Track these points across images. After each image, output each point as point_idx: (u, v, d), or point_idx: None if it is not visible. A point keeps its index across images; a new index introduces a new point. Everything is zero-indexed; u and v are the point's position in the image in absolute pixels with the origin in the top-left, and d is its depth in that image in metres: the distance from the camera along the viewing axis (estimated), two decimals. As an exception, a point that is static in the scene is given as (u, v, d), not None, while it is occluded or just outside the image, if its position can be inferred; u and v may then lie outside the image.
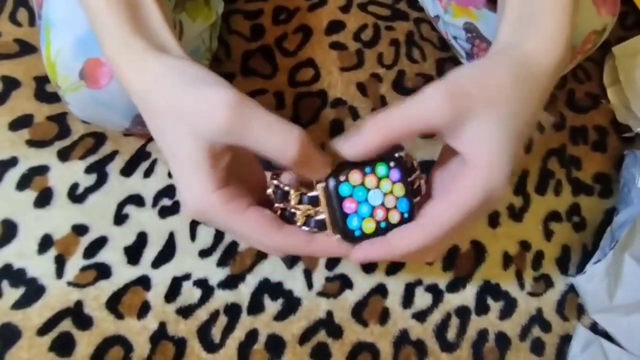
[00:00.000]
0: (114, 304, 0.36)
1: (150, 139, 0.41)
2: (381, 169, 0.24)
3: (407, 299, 0.39)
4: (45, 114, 0.40)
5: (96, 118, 0.35)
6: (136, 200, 0.39)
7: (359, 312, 0.38)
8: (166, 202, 0.39)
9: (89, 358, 0.34)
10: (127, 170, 0.40)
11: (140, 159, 0.41)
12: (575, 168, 0.46)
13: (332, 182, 0.23)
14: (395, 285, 0.39)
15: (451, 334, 0.39)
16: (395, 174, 0.24)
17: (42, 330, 0.35)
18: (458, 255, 0.41)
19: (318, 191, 0.24)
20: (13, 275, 0.36)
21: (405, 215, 0.25)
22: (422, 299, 0.40)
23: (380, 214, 0.24)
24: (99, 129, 0.40)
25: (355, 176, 0.23)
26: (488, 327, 0.39)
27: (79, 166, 0.39)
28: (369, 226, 0.24)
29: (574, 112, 0.49)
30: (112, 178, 0.39)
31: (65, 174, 0.39)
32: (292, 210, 0.24)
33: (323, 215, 0.24)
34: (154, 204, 0.39)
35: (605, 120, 0.49)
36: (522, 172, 0.45)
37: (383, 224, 0.24)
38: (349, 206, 0.24)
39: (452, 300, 0.40)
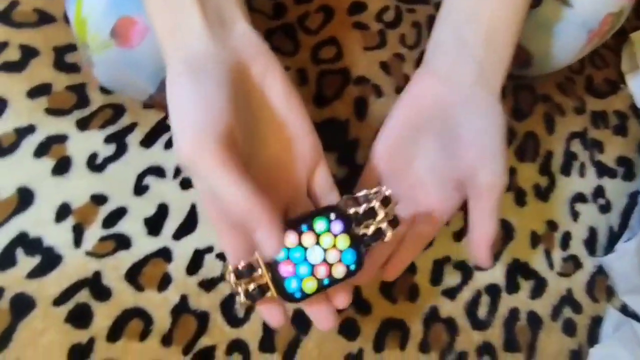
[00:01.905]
0: (133, 276, 0.34)
1: (171, 112, 0.40)
2: (320, 224, 0.23)
3: (436, 276, 0.38)
4: (64, 84, 0.39)
5: (121, 82, 0.34)
6: (157, 171, 0.38)
7: (388, 288, 0.37)
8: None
9: (107, 330, 0.33)
10: (147, 142, 0.39)
11: (161, 131, 0.40)
12: (598, 151, 0.46)
13: None
14: (424, 262, 0.38)
15: (482, 312, 0.38)
16: (337, 226, 0.24)
17: (58, 301, 0.33)
18: (486, 233, 0.40)
19: (257, 256, 0.23)
20: (28, 243, 0.34)
21: (352, 267, 0.24)
22: (452, 276, 0.38)
23: (322, 271, 0.23)
24: (118, 100, 0.39)
25: (290, 238, 0.23)
26: (519, 306, 0.38)
27: (98, 136, 0.38)
28: (309, 286, 0.23)
29: (593, 97, 0.49)
30: (132, 149, 0.38)
31: (84, 143, 0.38)
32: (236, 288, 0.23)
33: (264, 279, 0.23)
34: (175, 176, 0.38)
35: (625, 105, 0.49)
36: (547, 152, 0.45)
37: (326, 281, 0.23)
38: (285, 269, 0.23)
39: (481, 278, 0.39)
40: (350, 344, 0.35)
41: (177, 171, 0.38)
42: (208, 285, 0.35)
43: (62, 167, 0.36)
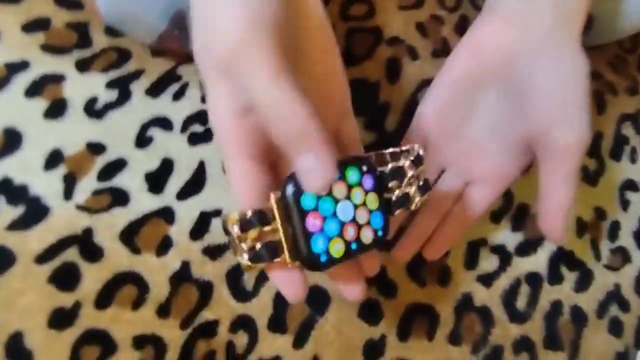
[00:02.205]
0: (129, 236, 0.30)
1: (181, 62, 0.36)
2: (352, 175, 0.19)
3: (471, 259, 0.34)
4: (64, 20, 0.35)
5: (128, 17, 0.30)
6: (162, 123, 0.34)
7: (416, 269, 0.33)
8: (197, 128, 0.34)
9: (96, 295, 0.28)
10: (154, 91, 0.34)
11: (169, 81, 0.35)
12: (650, 136, 0.42)
13: (290, 189, 0.18)
14: (457, 243, 0.34)
15: (521, 303, 0.33)
16: (368, 182, 0.20)
17: (42, 258, 0.29)
18: (528, 215, 0.36)
19: (271, 202, 0.18)
20: (12, 191, 0.30)
21: (380, 233, 0.20)
22: (488, 260, 0.34)
23: (351, 232, 0.19)
24: (123, 44, 0.35)
25: None
26: (562, 299, 0.34)
27: (99, 79, 0.34)
28: (337, 248, 0.19)
29: (646, 79, 0.44)
30: (136, 97, 0.34)
31: (83, 86, 0.33)
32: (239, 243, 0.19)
33: (276, 235, 0.18)
34: (183, 129, 0.34)
35: (680, 90, 0.45)
36: (596, 133, 0.40)
37: (354, 245, 0.19)
38: (312, 223, 0.18)
39: (521, 265, 0.34)
40: (372, 329, 0.31)
41: (186, 125, 0.34)
42: (214, 252, 0.31)
43: (56, 109, 0.32)
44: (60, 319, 0.28)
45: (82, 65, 0.34)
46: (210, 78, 0.18)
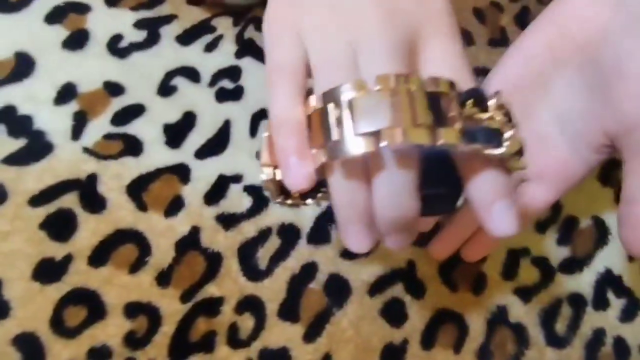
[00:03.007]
0: (137, 190, 0.27)
1: (218, 14, 0.33)
2: None
3: (510, 269, 0.30)
4: (99, -51, 0.32)
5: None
6: (190, 73, 0.30)
7: (448, 270, 0.29)
8: (227, 84, 0.31)
9: (91, 250, 0.25)
10: (185, 39, 0.31)
11: (203, 31, 0.32)
12: None
13: None
14: (497, 248, 0.31)
15: (561, 326, 0.30)
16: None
17: (37, 200, 0.25)
18: (576, 230, 0.32)
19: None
20: (15, 121, 0.26)
21: None
22: (528, 273, 0.31)
23: None
24: (159, -15, 0.32)
25: None
26: (606, 327, 0.30)
27: (128, 17, 0.31)
28: None
29: None
30: (165, 41, 0.31)
31: (109, 21, 0.30)
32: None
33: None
34: (212, 83, 0.30)
35: None
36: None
37: None
38: None
39: (565, 283, 0.31)
40: (394, 331, 0.27)
41: (215, 79, 0.31)
42: (228, 221, 0.27)
43: (76, 40, 0.29)
44: (47, 271, 0.25)
45: (111, -1, 0.31)
46: None
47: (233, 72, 0.31)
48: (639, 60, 0.20)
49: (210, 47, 0.32)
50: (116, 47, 0.30)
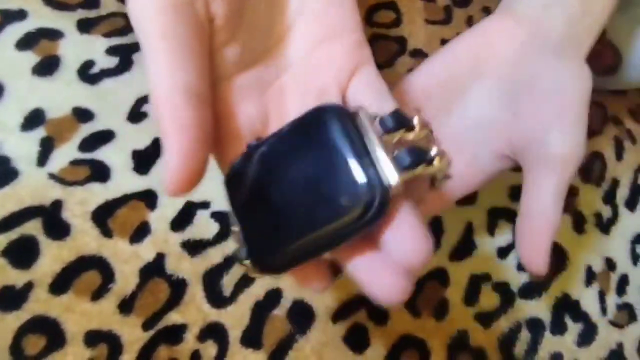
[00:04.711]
0: (103, 216, 0.27)
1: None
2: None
3: (471, 295, 0.31)
4: (73, -23, 0.33)
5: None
6: (161, 100, 0.31)
7: (411, 297, 0.30)
8: (197, 111, 0.32)
9: (53, 277, 0.25)
10: (157, 65, 0.32)
11: (176, 58, 0.33)
12: (666, 192, 0.40)
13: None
14: (459, 275, 0.31)
15: (519, 350, 0.30)
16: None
17: (-1, 227, 0.26)
18: (536, 256, 0.34)
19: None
20: (-20, 147, 0.27)
21: None
22: (489, 298, 0.31)
23: None
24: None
25: None
26: (563, 352, 0.31)
27: (100, 43, 0.31)
28: None
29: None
30: (137, 69, 0.31)
31: (81, 47, 0.31)
32: None
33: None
34: (182, 110, 0.31)
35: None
36: (612, 180, 0.39)
37: None
38: None
39: (524, 308, 0.32)
40: (357, 357, 0.28)
41: (185, 106, 0.32)
42: (194, 247, 0.28)
43: (46, 66, 0.29)
44: (7, 299, 0.24)
45: (84, 26, 0.31)
46: None
47: (204, 99, 0.32)
48: (544, 83, 0.22)
49: (182, 74, 0.32)
50: (87, 73, 0.30)
